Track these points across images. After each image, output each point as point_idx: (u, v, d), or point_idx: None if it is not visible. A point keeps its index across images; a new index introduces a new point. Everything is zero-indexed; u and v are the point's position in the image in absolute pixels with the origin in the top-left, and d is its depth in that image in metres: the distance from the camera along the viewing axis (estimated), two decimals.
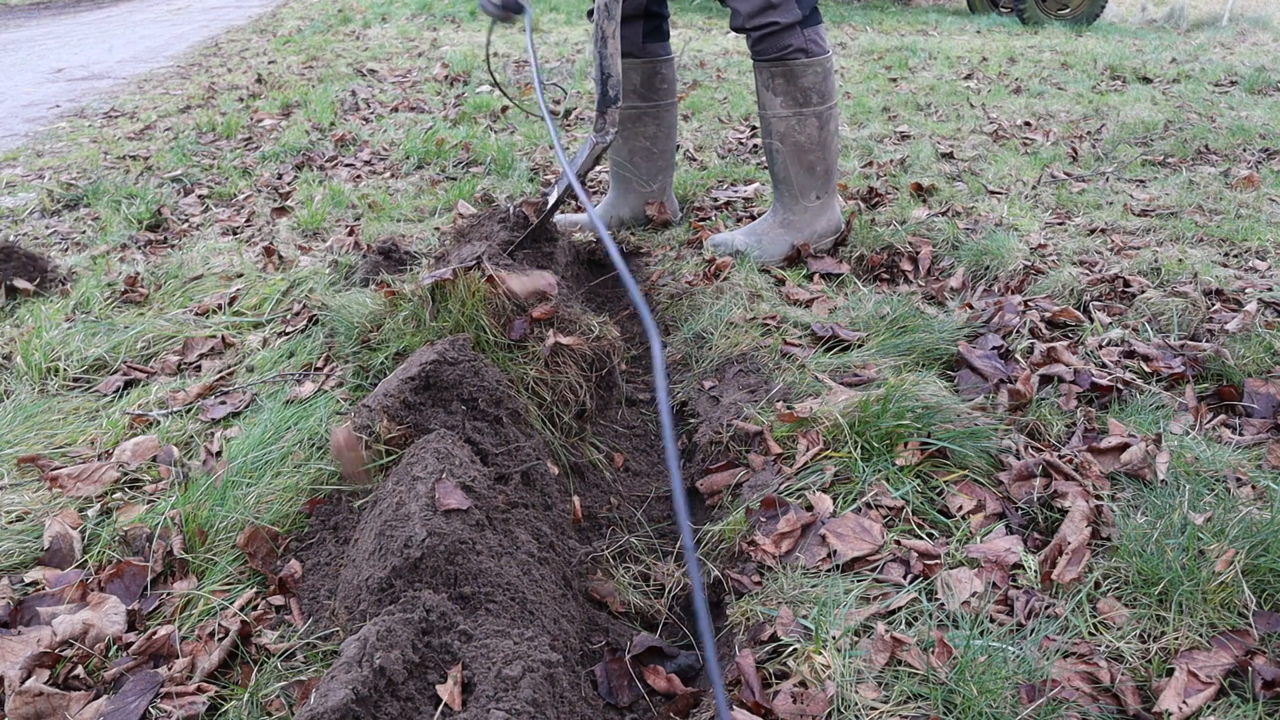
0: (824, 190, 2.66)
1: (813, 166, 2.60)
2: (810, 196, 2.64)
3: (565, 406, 1.96)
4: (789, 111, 2.53)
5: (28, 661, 1.23)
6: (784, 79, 2.49)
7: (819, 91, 2.52)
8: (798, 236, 2.68)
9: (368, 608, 1.20)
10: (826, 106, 2.55)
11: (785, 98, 2.52)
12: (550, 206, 2.38)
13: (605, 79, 2.37)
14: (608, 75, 2.37)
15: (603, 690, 1.32)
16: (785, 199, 2.67)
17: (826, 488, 1.56)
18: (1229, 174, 3.50)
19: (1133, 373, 1.95)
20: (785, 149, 2.58)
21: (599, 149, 2.39)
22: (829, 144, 2.59)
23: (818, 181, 2.63)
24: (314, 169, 3.88)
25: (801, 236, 2.69)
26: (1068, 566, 1.36)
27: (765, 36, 2.45)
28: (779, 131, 2.56)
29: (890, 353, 2.05)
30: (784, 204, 2.68)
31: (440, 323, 1.95)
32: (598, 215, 3.03)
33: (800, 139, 2.55)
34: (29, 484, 1.65)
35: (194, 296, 2.53)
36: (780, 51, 2.45)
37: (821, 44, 2.51)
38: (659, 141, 2.94)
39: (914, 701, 1.14)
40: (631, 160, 2.96)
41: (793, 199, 2.65)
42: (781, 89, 2.51)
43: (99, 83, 6.34)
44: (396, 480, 1.40)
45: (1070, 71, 6.15)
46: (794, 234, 2.68)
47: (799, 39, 2.46)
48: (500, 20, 2.69)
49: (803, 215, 2.66)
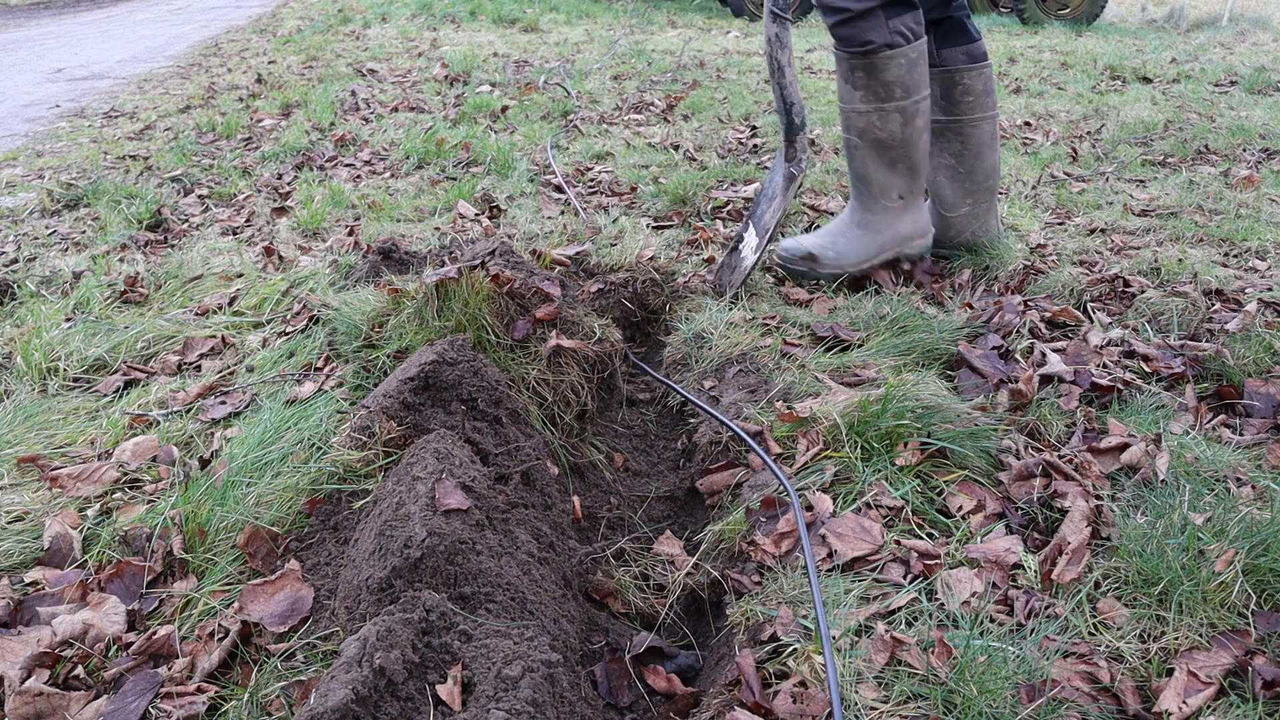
0: (908, 189, 2.42)
1: (895, 163, 2.38)
2: (891, 195, 2.41)
3: (566, 407, 1.96)
4: (869, 107, 2.32)
5: (28, 661, 1.23)
6: (865, 72, 2.29)
7: (903, 85, 2.29)
8: (877, 239, 2.46)
9: (368, 608, 1.20)
10: (912, 101, 2.32)
11: (866, 92, 2.31)
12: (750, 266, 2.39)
13: (789, 107, 2.33)
14: (790, 103, 2.32)
15: (603, 690, 1.32)
16: (864, 198, 2.45)
17: (826, 488, 1.56)
18: (1229, 174, 3.50)
19: (1133, 373, 1.95)
20: (865, 145, 2.37)
21: (798, 181, 2.33)
22: (914, 140, 2.36)
23: (900, 179, 2.40)
24: (314, 169, 3.88)
25: (882, 239, 2.46)
26: (1068, 566, 1.36)
27: (843, 24, 2.25)
28: (858, 127, 2.37)
29: (890, 353, 2.05)
30: (862, 203, 2.46)
31: (443, 321, 1.95)
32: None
33: (881, 135, 2.35)
34: (29, 484, 1.65)
35: (194, 296, 2.53)
36: (862, 45, 2.26)
37: (910, 31, 2.27)
38: (964, 161, 2.57)
39: (914, 701, 1.14)
40: (935, 179, 2.63)
41: (871, 198, 2.44)
42: (862, 83, 2.31)
43: (99, 83, 6.34)
44: (396, 480, 1.40)
45: (1070, 71, 6.15)
46: (873, 235, 2.46)
47: (882, 31, 2.24)
48: None
49: (883, 216, 2.43)
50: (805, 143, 2.39)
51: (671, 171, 3.68)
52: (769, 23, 2.32)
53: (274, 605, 1.34)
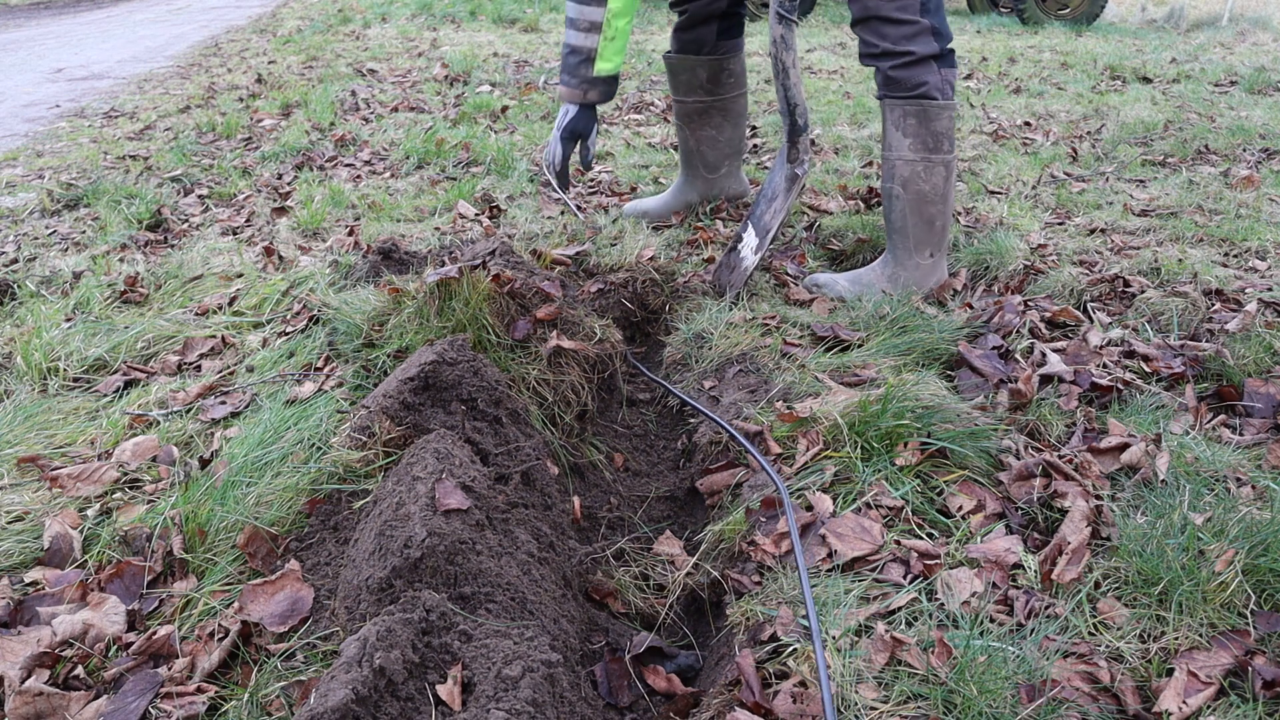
0: (938, 247, 2.46)
1: (933, 220, 2.40)
2: (925, 253, 2.43)
3: (566, 407, 1.96)
4: (917, 156, 2.33)
5: (28, 661, 1.23)
6: (916, 119, 2.30)
7: (949, 138, 2.34)
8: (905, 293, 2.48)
9: (368, 608, 1.20)
10: (954, 157, 2.39)
11: (915, 140, 2.32)
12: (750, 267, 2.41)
13: (792, 109, 2.34)
14: (794, 104, 2.34)
15: (603, 690, 1.32)
16: (899, 252, 2.45)
17: (826, 488, 1.56)
18: (1229, 174, 3.50)
19: (1133, 373, 1.95)
20: (907, 196, 2.38)
21: (800, 182, 2.36)
22: (949, 197, 2.41)
23: (935, 237, 2.43)
24: (314, 169, 3.88)
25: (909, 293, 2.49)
26: (1068, 566, 1.36)
27: (901, 67, 2.27)
28: (903, 176, 2.36)
29: (890, 353, 2.05)
30: (896, 257, 2.46)
31: (444, 321, 1.95)
32: (666, 202, 3.14)
33: (925, 188, 2.36)
34: (29, 484, 1.65)
35: (194, 296, 2.53)
36: (916, 88, 2.28)
37: (952, 87, 2.34)
38: (724, 131, 3.01)
39: (914, 701, 1.14)
40: (699, 149, 3.05)
41: (906, 253, 2.44)
42: (912, 130, 2.31)
43: (99, 83, 6.34)
44: (396, 480, 1.40)
45: (1070, 71, 6.15)
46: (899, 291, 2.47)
47: (936, 77, 2.29)
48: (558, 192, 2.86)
49: (914, 272, 2.45)
50: (808, 144, 2.39)
51: (671, 172, 3.68)
52: (774, 24, 2.31)
53: (274, 605, 1.34)
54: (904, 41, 2.25)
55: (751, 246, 2.43)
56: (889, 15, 2.24)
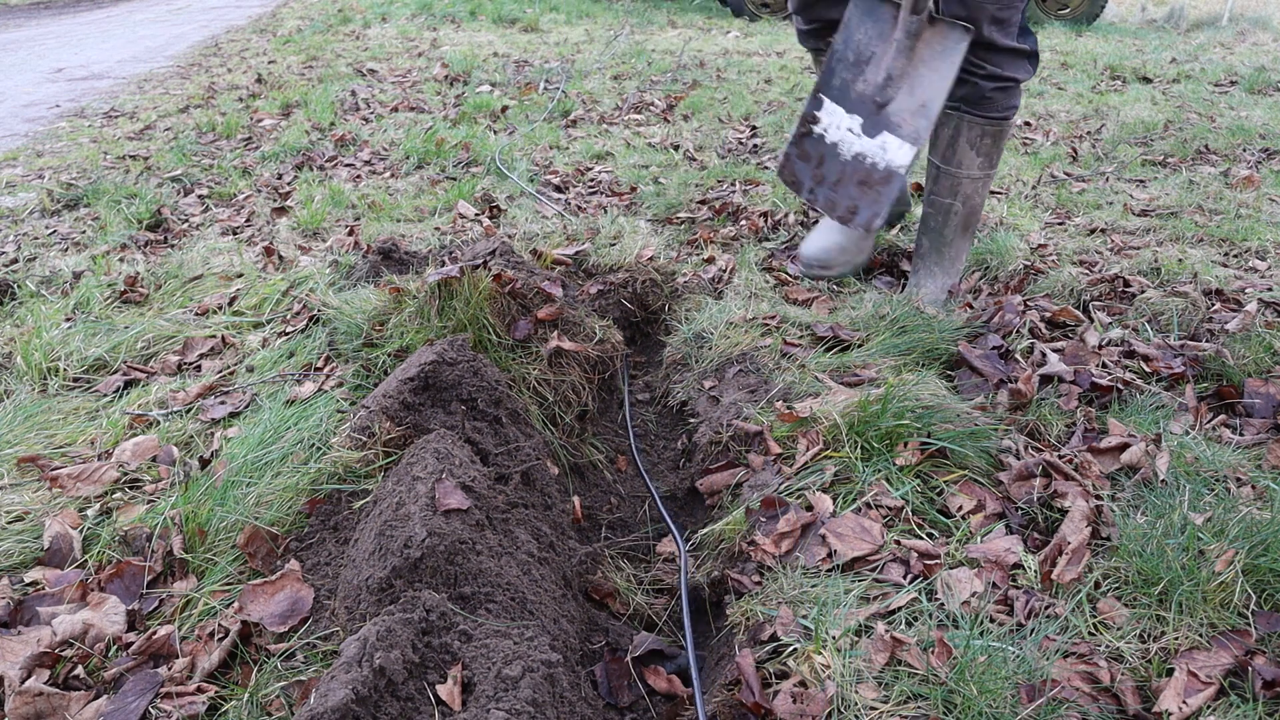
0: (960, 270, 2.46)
1: (972, 235, 2.41)
2: (960, 263, 2.43)
3: (567, 407, 1.96)
4: (982, 174, 2.33)
5: (28, 661, 1.23)
6: (993, 139, 2.29)
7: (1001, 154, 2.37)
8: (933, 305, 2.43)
9: (368, 608, 1.20)
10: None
11: (985, 159, 2.31)
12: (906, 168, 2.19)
13: None
14: None
15: (603, 690, 1.32)
16: (938, 266, 2.41)
17: (826, 488, 1.56)
18: (1229, 174, 3.50)
19: (1133, 373, 1.95)
20: (964, 212, 2.35)
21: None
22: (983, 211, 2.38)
23: (967, 247, 2.43)
24: (314, 169, 3.88)
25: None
26: (1068, 566, 1.36)
27: (1001, 90, 2.25)
28: (965, 193, 2.33)
29: (890, 353, 2.05)
30: (931, 273, 2.42)
31: (444, 321, 1.95)
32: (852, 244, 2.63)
33: (977, 202, 2.36)
34: (29, 484, 1.65)
35: (194, 296, 2.53)
36: (1005, 110, 2.27)
37: None
38: None
39: (914, 701, 1.14)
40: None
41: (944, 273, 2.42)
42: (986, 149, 2.30)
43: (99, 83, 6.34)
44: (396, 480, 1.40)
45: (1070, 71, 6.15)
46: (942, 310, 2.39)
47: (1019, 98, 2.30)
48: None
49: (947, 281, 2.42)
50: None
51: (671, 171, 3.68)
52: None
53: (274, 605, 1.34)
54: (1010, 67, 2.22)
55: (903, 137, 2.19)
56: (1000, 44, 2.19)
